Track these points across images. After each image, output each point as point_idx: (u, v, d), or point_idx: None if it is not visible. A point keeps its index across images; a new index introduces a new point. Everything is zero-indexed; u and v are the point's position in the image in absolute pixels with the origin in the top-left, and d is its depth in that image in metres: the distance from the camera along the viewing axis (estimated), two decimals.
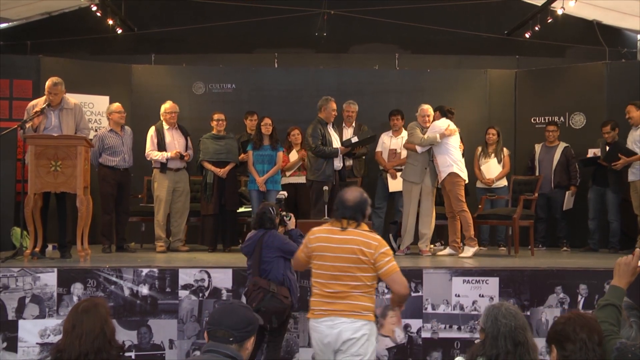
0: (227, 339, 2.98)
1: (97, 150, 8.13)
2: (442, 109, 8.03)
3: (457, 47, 10.80)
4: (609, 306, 3.22)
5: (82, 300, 3.54)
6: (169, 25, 10.45)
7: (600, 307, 3.23)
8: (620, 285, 3.27)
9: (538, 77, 10.24)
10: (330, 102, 8.10)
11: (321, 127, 8.00)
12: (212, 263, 6.80)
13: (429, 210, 7.99)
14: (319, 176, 7.93)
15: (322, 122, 8.06)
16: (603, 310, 3.21)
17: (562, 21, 9.90)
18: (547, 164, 9.25)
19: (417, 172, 7.94)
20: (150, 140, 8.40)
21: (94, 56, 10.35)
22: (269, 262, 5.40)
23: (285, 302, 5.35)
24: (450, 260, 7.57)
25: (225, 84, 10.15)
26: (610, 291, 3.29)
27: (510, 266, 6.59)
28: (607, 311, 3.20)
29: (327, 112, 8.07)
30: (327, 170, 7.94)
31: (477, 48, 10.74)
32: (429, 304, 6.26)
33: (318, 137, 7.95)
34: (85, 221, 6.88)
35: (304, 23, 10.40)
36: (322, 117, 8.09)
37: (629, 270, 3.28)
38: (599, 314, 3.20)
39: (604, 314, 3.19)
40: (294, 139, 9.02)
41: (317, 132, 7.96)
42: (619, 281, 3.28)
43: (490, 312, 3.21)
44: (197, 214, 8.64)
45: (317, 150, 7.95)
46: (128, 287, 6.12)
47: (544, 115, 10.00)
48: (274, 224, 5.60)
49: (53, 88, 7.09)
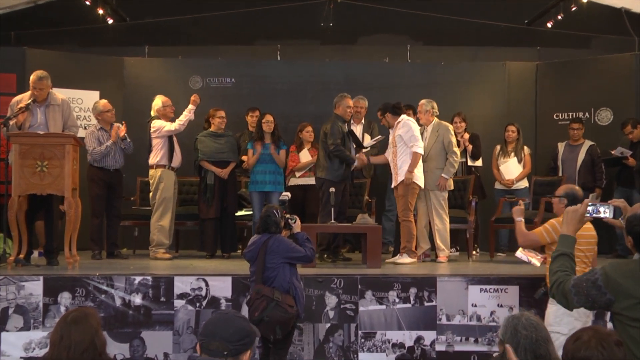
0: (221, 352, 2.90)
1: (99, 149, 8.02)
2: (389, 107, 7.93)
3: (474, 37, 10.80)
4: (561, 256, 3.46)
5: (71, 310, 3.55)
6: (163, 14, 10.45)
7: (554, 259, 3.47)
8: (569, 234, 3.51)
9: (561, 70, 10.22)
10: (345, 98, 8.12)
11: (341, 125, 8.02)
12: (210, 270, 6.81)
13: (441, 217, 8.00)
14: (334, 175, 7.91)
15: (340, 119, 8.07)
16: (557, 261, 3.45)
17: (588, 9, 9.90)
18: (571, 163, 9.23)
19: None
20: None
21: (83, 48, 10.38)
22: (273, 269, 5.41)
23: (290, 312, 5.36)
24: (467, 266, 7.56)
25: (224, 78, 10.17)
26: (561, 240, 3.52)
27: (531, 273, 6.58)
28: (560, 261, 3.45)
29: (343, 109, 8.08)
30: (342, 170, 7.94)
31: (495, 39, 10.73)
32: (443, 314, 6.26)
33: (337, 135, 7.93)
34: (73, 225, 6.88)
35: (308, 12, 10.40)
36: (339, 114, 8.10)
37: (576, 217, 3.51)
38: (552, 266, 3.45)
39: (557, 265, 3.44)
40: (307, 136, 8.96)
41: (337, 130, 7.94)
42: (568, 229, 3.52)
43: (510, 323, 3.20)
44: (195, 217, 8.65)
45: (337, 152, 7.90)
46: (120, 297, 6.13)
47: (568, 111, 9.98)
48: (279, 228, 5.62)
49: (38, 83, 7.09)
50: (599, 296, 3.27)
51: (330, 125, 7.97)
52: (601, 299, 3.28)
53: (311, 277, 6.25)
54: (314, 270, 6.67)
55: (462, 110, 9.31)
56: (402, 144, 7.73)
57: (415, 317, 6.24)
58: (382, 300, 6.26)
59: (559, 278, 3.39)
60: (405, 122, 7.76)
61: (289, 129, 9.26)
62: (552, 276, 3.45)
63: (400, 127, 7.76)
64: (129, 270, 6.73)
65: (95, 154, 8.05)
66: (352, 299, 6.24)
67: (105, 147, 8.04)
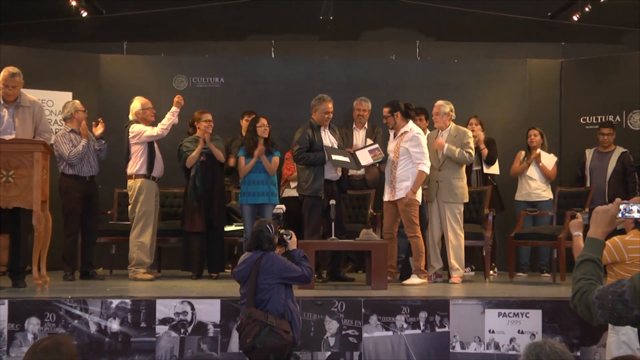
0: None
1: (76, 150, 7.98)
2: (401, 106, 7.99)
3: (490, 32, 10.82)
4: (586, 262, 3.35)
5: (42, 338, 3.53)
6: (144, 7, 10.44)
7: (578, 264, 3.36)
8: (597, 237, 3.41)
9: (588, 68, 10.27)
10: (324, 102, 8.11)
11: (311, 132, 8.03)
12: (197, 292, 6.82)
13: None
14: (307, 190, 7.97)
15: (313, 125, 8.09)
16: (581, 267, 3.34)
17: (618, 0, 9.91)
18: (600, 173, 9.25)
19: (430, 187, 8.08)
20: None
21: (54, 44, 10.41)
22: (267, 290, 5.42)
23: (285, 338, 5.36)
24: (483, 288, 7.56)
25: (212, 78, 10.19)
26: (587, 244, 3.42)
27: (555, 296, 6.59)
28: (585, 267, 3.34)
29: (319, 114, 8.10)
30: (316, 183, 7.94)
31: (515, 33, 10.76)
32: (457, 341, 6.25)
33: (304, 143, 7.98)
34: (43, 242, 6.86)
35: (306, 4, 10.41)
36: (314, 119, 8.12)
37: (606, 219, 3.41)
38: (576, 273, 3.34)
39: (581, 271, 3.33)
40: None
41: (305, 138, 8.01)
42: (596, 231, 3.42)
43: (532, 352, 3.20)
44: (179, 233, 8.65)
45: (299, 157, 8.01)
46: (95, 322, 6.12)
47: (596, 115, 10.01)
48: (273, 244, 5.63)
49: (10, 80, 7.06)
50: (626, 312, 3.19)
51: (299, 132, 8.07)
52: (628, 315, 3.20)
53: (309, 300, 6.25)
54: (312, 291, 6.68)
55: (477, 113, 9.34)
56: (406, 157, 7.79)
57: (426, 344, 6.23)
58: (389, 326, 6.25)
59: (582, 287, 3.31)
60: (416, 137, 7.82)
61: (284, 134, 9.27)
62: (575, 284, 3.35)
63: (408, 139, 7.82)
64: (105, 292, 6.73)
65: (73, 157, 7.97)
66: (355, 324, 6.23)
67: (82, 146, 8.00)
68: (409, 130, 7.87)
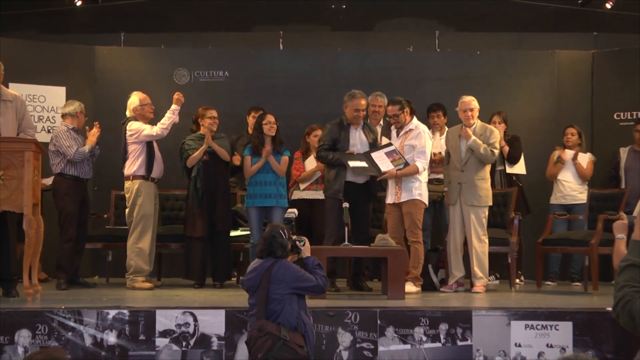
0: None
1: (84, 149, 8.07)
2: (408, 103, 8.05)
3: (516, 21, 10.82)
4: (630, 267, 3.32)
5: (33, 352, 3.54)
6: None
7: (622, 270, 3.34)
8: None
9: (622, 60, 10.25)
10: (355, 99, 8.11)
11: (337, 129, 8.05)
12: (199, 302, 6.82)
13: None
14: (328, 190, 8.07)
15: (342, 123, 8.12)
16: (625, 273, 3.32)
17: None
18: (636, 173, 9.23)
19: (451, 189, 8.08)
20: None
21: (46, 35, 10.45)
22: (279, 301, 5.41)
23: (300, 353, 5.33)
24: (509, 298, 7.55)
25: (215, 71, 10.22)
26: (631, 248, 3.40)
27: (587, 307, 6.56)
28: (629, 273, 3.31)
29: (350, 111, 8.11)
30: (336, 184, 7.98)
31: (542, 23, 10.76)
32: (480, 355, 6.23)
33: (328, 140, 8.04)
34: (34, 249, 6.85)
35: None
36: (346, 116, 8.15)
37: None
38: (618, 279, 3.32)
39: (624, 277, 3.30)
40: (315, 141, 8.91)
41: (329, 135, 8.07)
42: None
43: None
44: (180, 238, 8.67)
45: (318, 155, 8.17)
46: (90, 335, 6.12)
47: (631, 110, 9.99)
48: (286, 252, 5.62)
49: None
50: None
51: (326, 128, 8.15)
52: None
53: (321, 311, 6.24)
54: (324, 302, 6.67)
55: (501, 109, 9.32)
56: (413, 156, 7.83)
57: (447, 359, 6.23)
58: (407, 339, 6.24)
59: (626, 295, 3.28)
60: (423, 134, 7.91)
61: (293, 133, 9.29)
62: (617, 291, 3.33)
63: (415, 137, 7.86)
64: (101, 302, 6.73)
65: (79, 156, 8.05)
66: (370, 336, 6.22)
67: (88, 148, 8.09)
68: (415, 127, 7.94)
